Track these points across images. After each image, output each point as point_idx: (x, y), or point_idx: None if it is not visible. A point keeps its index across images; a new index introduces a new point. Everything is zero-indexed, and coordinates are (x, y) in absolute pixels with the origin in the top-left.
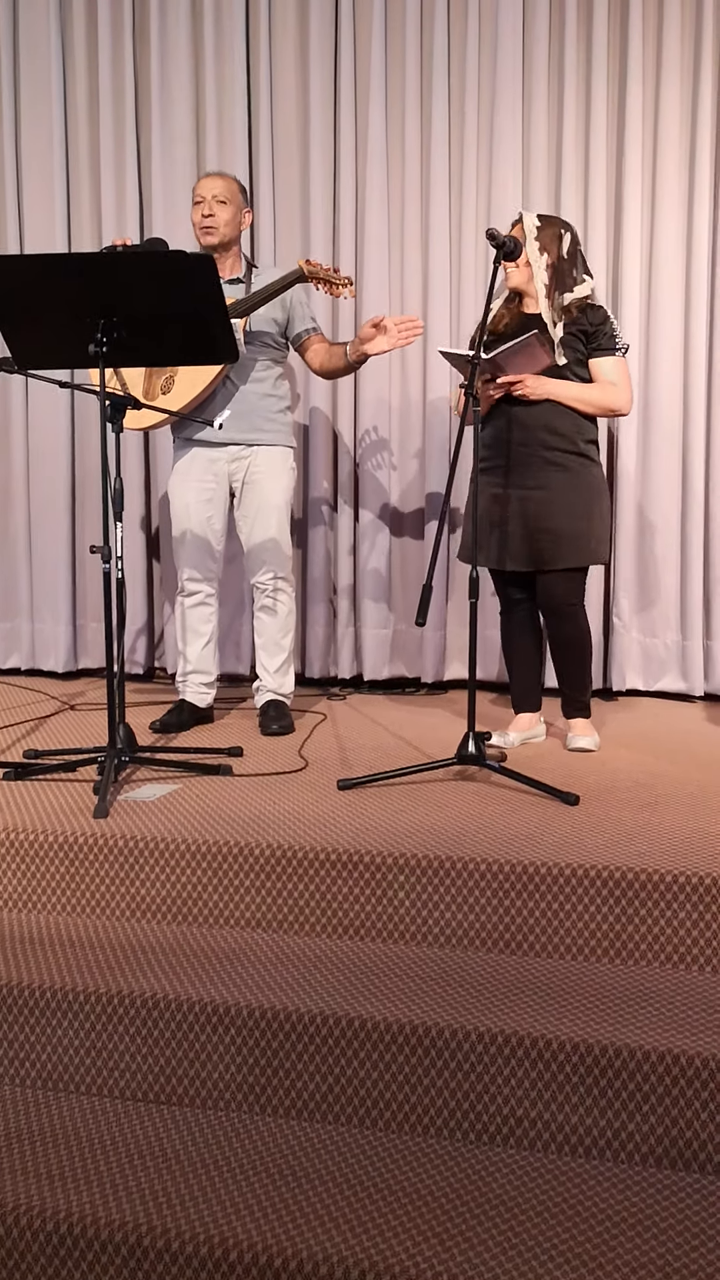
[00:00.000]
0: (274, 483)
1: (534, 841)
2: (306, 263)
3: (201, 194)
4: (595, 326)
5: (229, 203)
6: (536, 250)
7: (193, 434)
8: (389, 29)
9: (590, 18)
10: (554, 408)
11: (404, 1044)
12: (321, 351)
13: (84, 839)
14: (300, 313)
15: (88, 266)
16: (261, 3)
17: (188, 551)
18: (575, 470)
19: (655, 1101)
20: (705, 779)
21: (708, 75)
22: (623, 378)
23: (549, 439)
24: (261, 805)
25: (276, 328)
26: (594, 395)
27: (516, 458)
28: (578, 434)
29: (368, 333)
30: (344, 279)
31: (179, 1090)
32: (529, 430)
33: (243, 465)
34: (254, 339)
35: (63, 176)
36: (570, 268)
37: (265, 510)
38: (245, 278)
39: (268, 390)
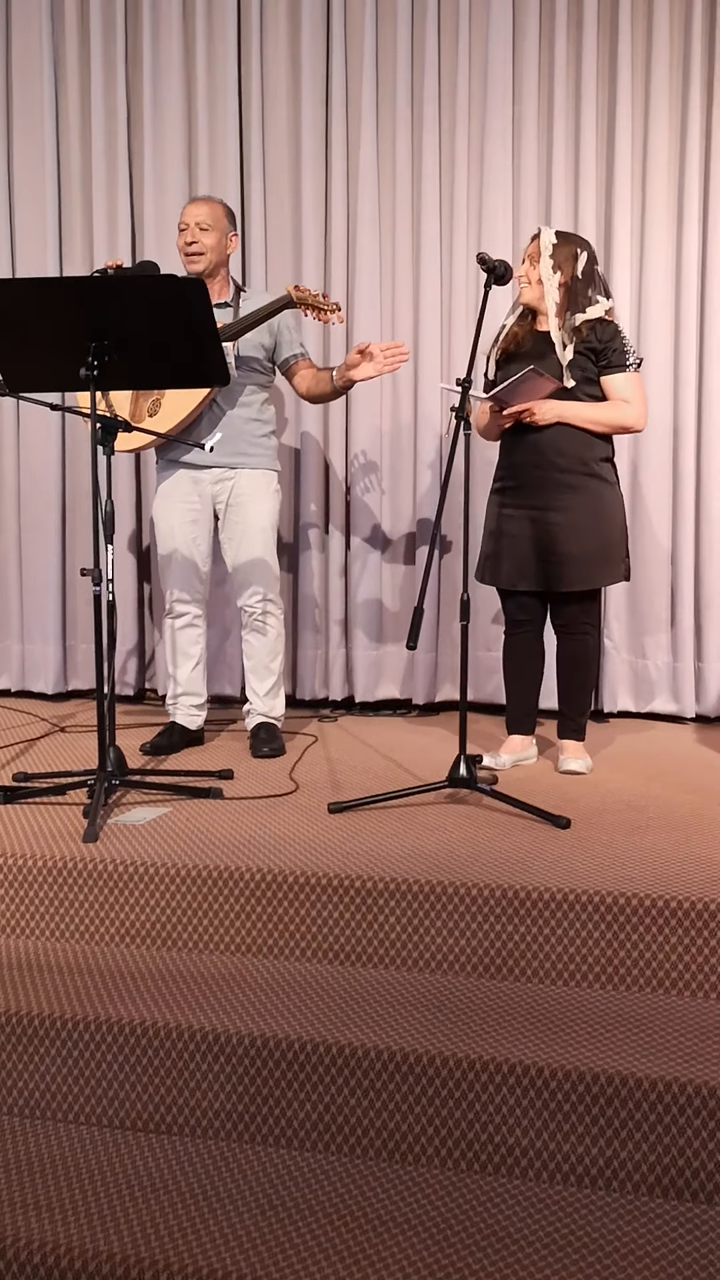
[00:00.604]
0: (258, 505)
1: (525, 866)
2: (295, 289)
3: (185, 220)
4: (604, 343)
5: (213, 228)
6: (550, 269)
7: (178, 455)
8: (380, 54)
9: (579, 45)
10: (565, 429)
11: (395, 1072)
12: (308, 377)
13: (73, 863)
14: (287, 338)
15: (79, 289)
16: (254, 28)
17: (174, 573)
18: (590, 491)
19: (649, 1130)
20: (696, 802)
21: (695, 102)
22: (636, 394)
23: (561, 461)
24: (252, 829)
25: (264, 352)
26: (605, 415)
27: (531, 479)
28: (590, 454)
29: (354, 359)
30: (332, 305)
31: (168, 1119)
32: (541, 453)
33: (226, 488)
34: (241, 363)
35: (55, 199)
36: (585, 287)
37: (250, 533)
38: (233, 301)
39: (253, 415)
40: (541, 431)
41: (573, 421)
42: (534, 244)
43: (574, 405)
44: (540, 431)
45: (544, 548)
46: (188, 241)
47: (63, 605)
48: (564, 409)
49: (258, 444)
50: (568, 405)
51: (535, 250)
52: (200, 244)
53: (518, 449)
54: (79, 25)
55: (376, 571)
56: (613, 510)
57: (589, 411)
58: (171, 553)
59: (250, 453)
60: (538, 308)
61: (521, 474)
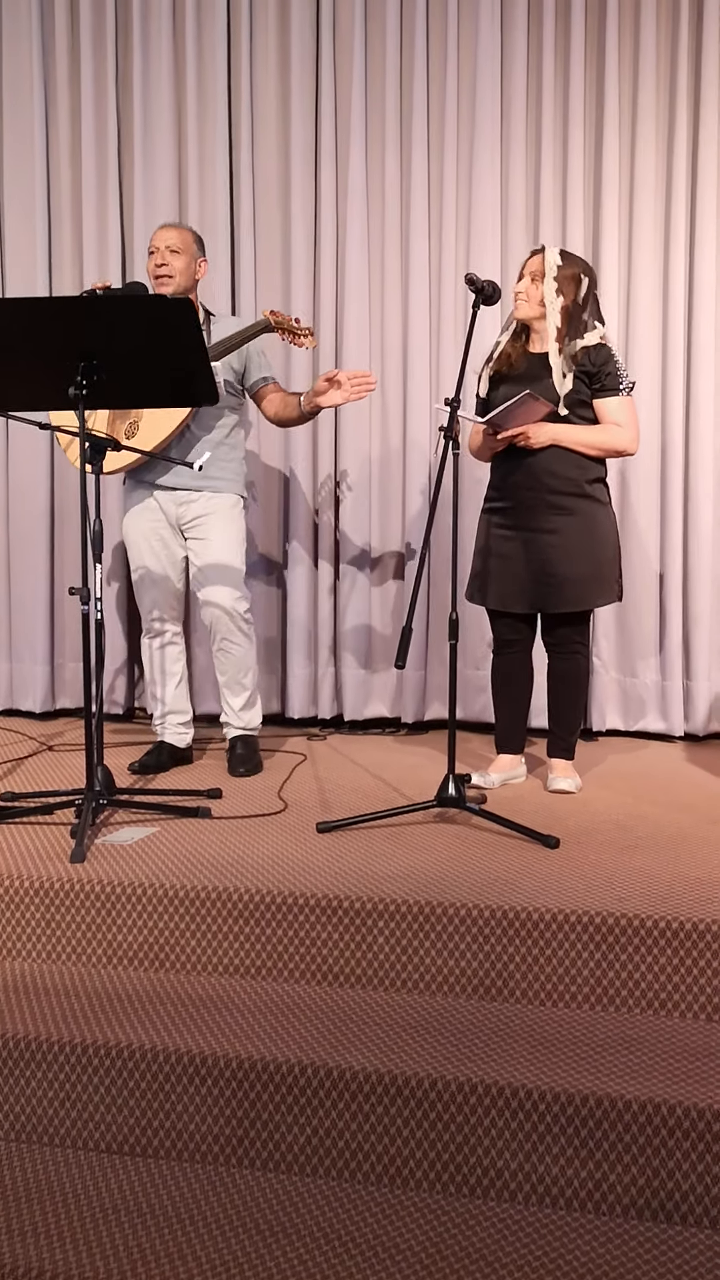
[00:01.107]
0: (222, 527)
1: (514, 886)
2: (272, 313)
3: (155, 244)
4: (598, 366)
5: (182, 252)
6: (553, 292)
7: (142, 475)
8: (369, 75)
9: (567, 66)
10: (558, 451)
11: (383, 1095)
12: (276, 401)
13: (60, 884)
14: (257, 361)
15: (67, 310)
16: (243, 49)
17: (148, 592)
18: (582, 513)
19: (637, 1152)
20: (685, 821)
21: (681, 122)
22: (628, 418)
23: (554, 482)
24: (240, 849)
25: (235, 375)
26: (598, 438)
27: (524, 500)
28: (583, 476)
29: (321, 386)
30: (305, 329)
31: (155, 1142)
32: (535, 474)
33: (189, 510)
34: None
35: (44, 219)
36: (585, 314)
37: (212, 553)
38: (204, 325)
39: (221, 439)
40: (535, 453)
41: (567, 444)
42: (537, 260)
43: (568, 428)
44: (534, 453)
45: (538, 569)
46: (157, 264)
47: (51, 623)
48: (558, 432)
49: (223, 468)
50: (562, 428)
51: (539, 269)
52: (169, 266)
53: (511, 470)
54: (69, 46)
55: (365, 590)
56: (606, 531)
57: (582, 435)
58: (144, 573)
59: (215, 476)
60: (532, 325)
61: (515, 495)
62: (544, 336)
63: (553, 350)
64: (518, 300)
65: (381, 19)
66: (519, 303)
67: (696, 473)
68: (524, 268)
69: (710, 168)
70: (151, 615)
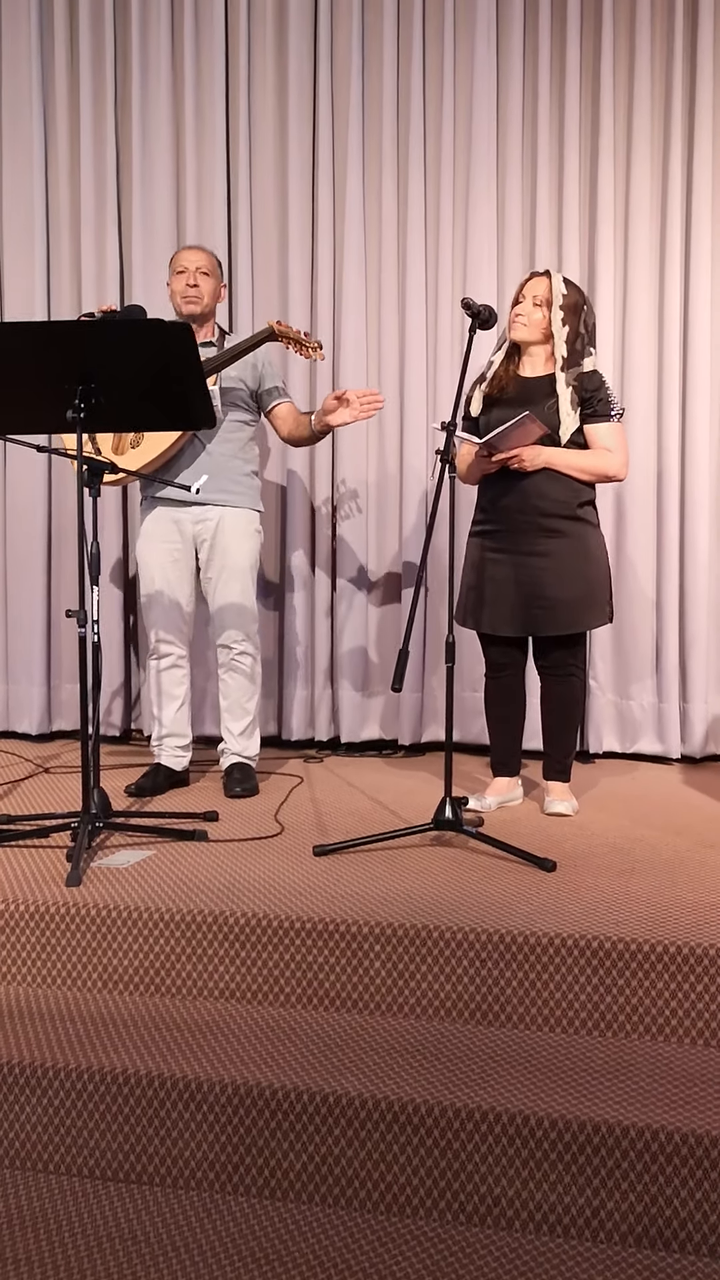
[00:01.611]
0: (239, 546)
1: (511, 910)
2: (277, 323)
3: (185, 264)
4: (590, 392)
5: (210, 275)
6: (560, 321)
7: (160, 492)
8: (366, 98)
9: (563, 90)
10: (549, 474)
11: (379, 1121)
12: (290, 421)
13: (55, 908)
14: (270, 373)
15: (65, 334)
16: (241, 72)
17: (157, 614)
18: (572, 535)
19: (635, 1179)
20: (682, 845)
21: (676, 149)
22: (619, 444)
23: (545, 505)
24: (236, 872)
25: (246, 388)
26: (589, 462)
27: (513, 524)
28: (574, 499)
29: (330, 404)
30: (314, 342)
31: (150, 1169)
32: (526, 497)
33: (208, 527)
34: (223, 397)
35: (43, 241)
36: (584, 342)
37: (230, 573)
38: (217, 342)
39: (235, 452)
40: (527, 476)
41: (558, 468)
42: (540, 285)
43: (561, 452)
44: (525, 476)
45: (529, 592)
46: (189, 284)
47: (48, 645)
48: (551, 456)
49: (240, 483)
50: (555, 452)
51: (545, 295)
52: (200, 288)
53: (502, 493)
54: (68, 68)
55: (362, 613)
56: (597, 552)
57: (574, 459)
58: (154, 595)
59: (233, 490)
60: (525, 348)
61: (505, 518)
62: (536, 360)
63: (560, 380)
64: (516, 323)
65: (379, 42)
66: (517, 325)
67: (692, 496)
68: (523, 289)
69: (705, 192)
70: (158, 637)
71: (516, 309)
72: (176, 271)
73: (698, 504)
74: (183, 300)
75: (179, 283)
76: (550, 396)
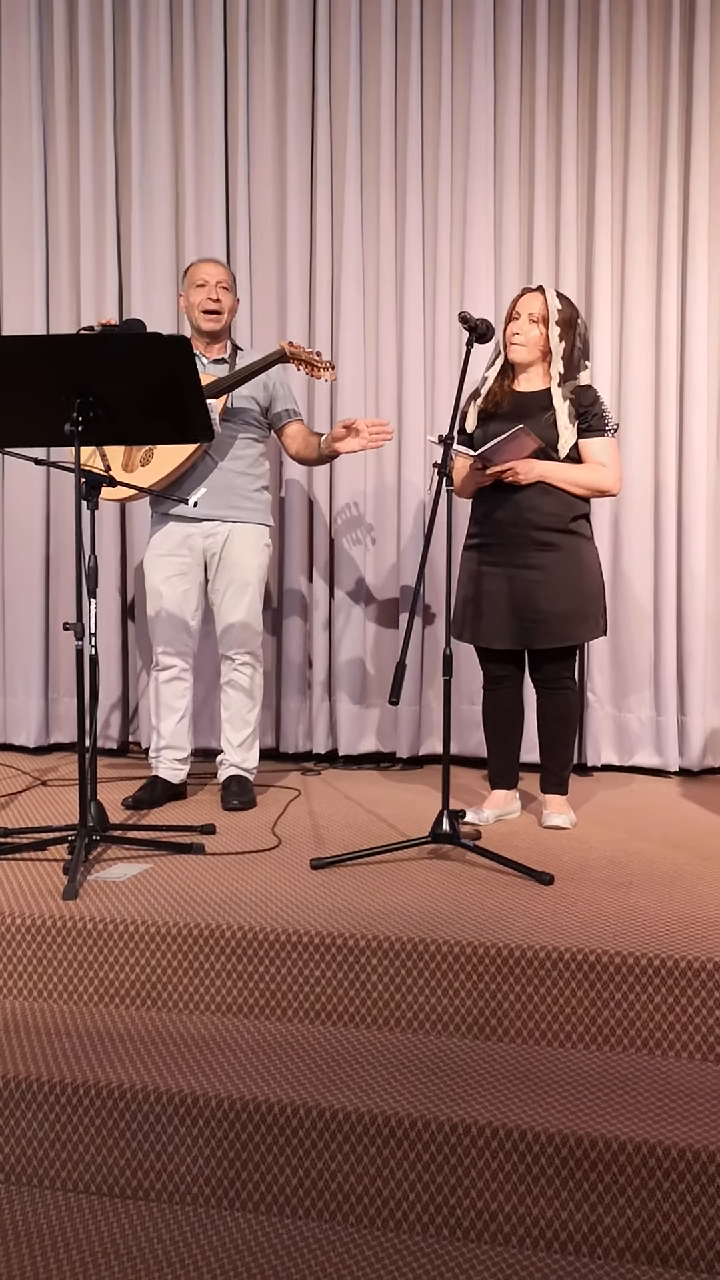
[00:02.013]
0: (248, 560)
1: (508, 923)
2: (289, 344)
3: (206, 278)
4: (585, 407)
5: (230, 289)
6: (558, 337)
7: (170, 509)
8: (364, 113)
9: (560, 105)
10: (543, 487)
11: (376, 1135)
12: (299, 438)
13: (52, 921)
14: (281, 394)
15: (64, 347)
16: (240, 87)
17: (162, 628)
18: (566, 548)
19: (632, 1194)
20: (680, 858)
21: (673, 163)
22: (612, 458)
23: (539, 519)
24: (233, 885)
25: (257, 407)
26: (583, 476)
27: (509, 537)
28: (567, 511)
29: (339, 432)
30: (325, 362)
31: (145, 1184)
32: (519, 510)
33: (217, 541)
34: (234, 416)
35: (42, 255)
36: (580, 357)
37: (238, 586)
38: (230, 359)
39: (245, 469)
40: (521, 489)
41: (553, 482)
42: (534, 302)
43: (555, 465)
44: (520, 490)
45: (523, 605)
46: (210, 298)
47: (45, 658)
48: (546, 469)
49: (250, 498)
50: (549, 465)
51: (540, 312)
52: (221, 303)
53: (495, 506)
54: (67, 83)
55: (360, 625)
56: (591, 566)
57: (568, 473)
58: (159, 611)
59: (242, 506)
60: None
61: (500, 531)
62: (532, 375)
63: (557, 395)
64: (513, 342)
65: (376, 57)
66: (515, 344)
67: (689, 509)
68: (516, 307)
69: (701, 207)
70: (161, 650)
71: (512, 327)
72: (196, 284)
73: (695, 517)
74: (202, 315)
75: (199, 295)
76: (546, 410)
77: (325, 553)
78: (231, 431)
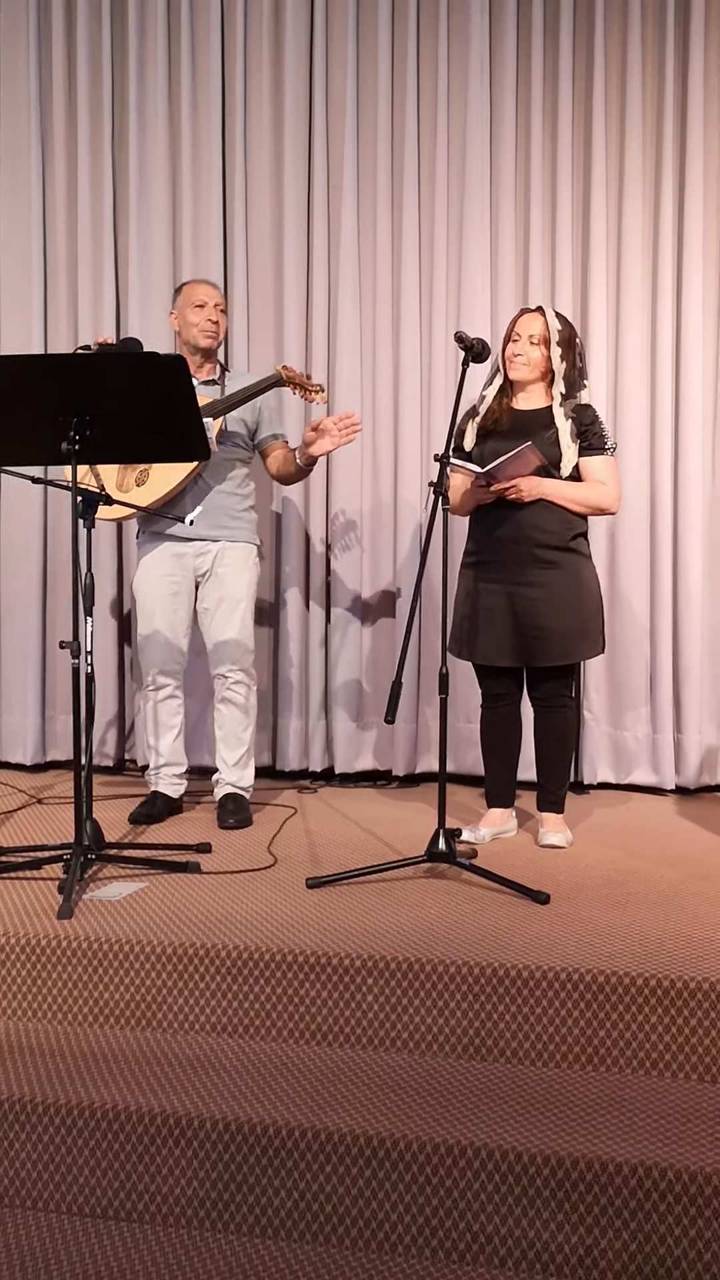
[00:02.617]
0: (237, 578)
1: (504, 943)
2: (285, 369)
3: (204, 299)
4: (585, 426)
5: (225, 312)
6: (559, 357)
7: (160, 528)
8: (360, 134)
9: (555, 126)
10: (543, 505)
11: (371, 1157)
12: (279, 459)
13: (47, 941)
14: (269, 417)
15: (61, 366)
16: (237, 109)
17: (154, 650)
18: (566, 566)
19: (628, 1216)
20: (676, 877)
21: (668, 183)
22: (612, 477)
23: (540, 536)
24: (229, 905)
25: (247, 430)
26: (584, 494)
27: (509, 555)
28: (567, 529)
29: (310, 436)
30: (317, 386)
31: (139, 1207)
32: (520, 528)
33: (207, 560)
34: (226, 439)
35: (40, 277)
36: (580, 375)
37: (228, 604)
38: (219, 379)
39: (234, 489)
40: (522, 507)
41: (554, 500)
42: (534, 323)
43: (557, 483)
44: (521, 507)
45: (523, 622)
46: (210, 319)
47: (42, 676)
48: (548, 487)
49: (239, 518)
50: (551, 483)
51: (541, 333)
52: (219, 324)
53: (496, 524)
54: (66, 106)
55: (356, 644)
56: (590, 584)
57: (569, 491)
58: (152, 633)
59: (231, 526)
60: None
61: (500, 549)
62: (531, 394)
63: (559, 415)
64: (515, 363)
65: (373, 77)
66: (517, 364)
67: (685, 527)
68: (516, 327)
69: (696, 226)
70: (155, 671)
71: (513, 348)
72: (195, 304)
73: (690, 535)
74: (202, 334)
75: (198, 315)
76: (547, 429)
77: (321, 571)
78: (223, 453)
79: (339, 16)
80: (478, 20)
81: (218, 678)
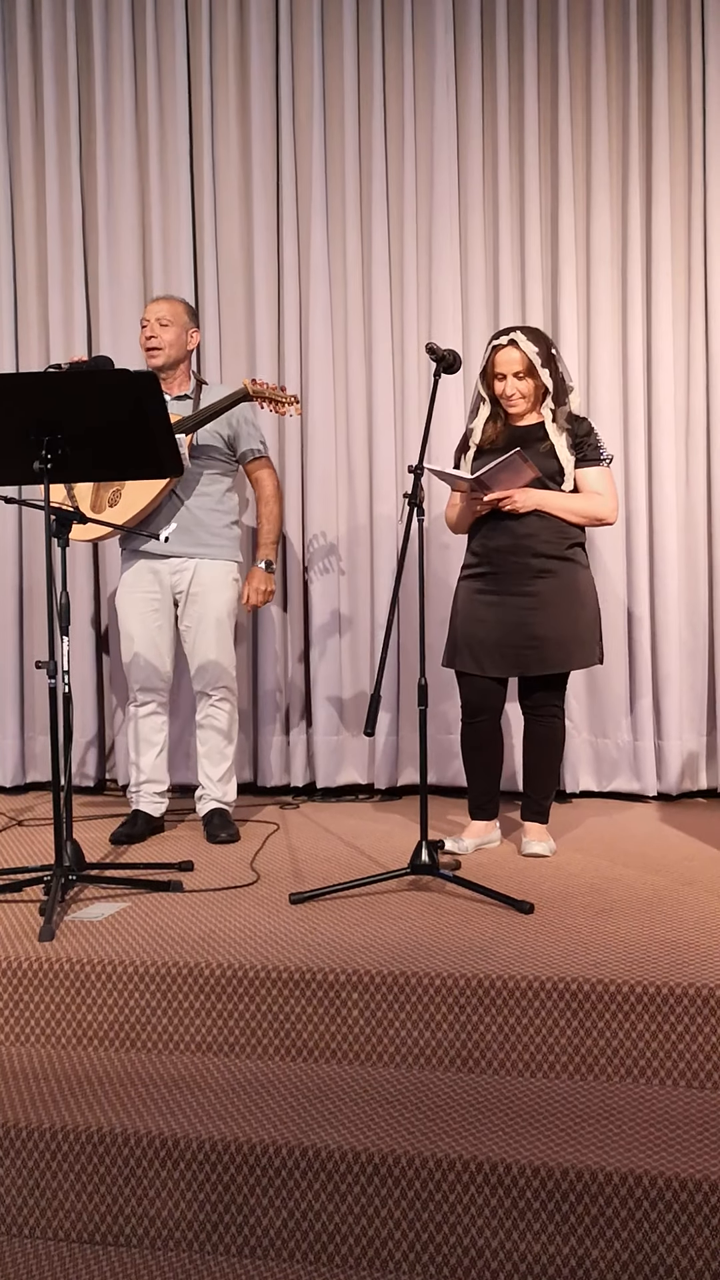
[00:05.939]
0: (216, 596)
1: (489, 954)
2: (252, 382)
3: (146, 317)
4: (580, 438)
5: (173, 324)
6: (546, 376)
7: (138, 545)
8: (329, 153)
9: (521, 138)
10: (540, 515)
11: (360, 1173)
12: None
13: (28, 963)
14: (246, 431)
15: (31, 385)
16: (205, 128)
17: (137, 668)
18: (563, 576)
19: (620, 1226)
20: (660, 883)
21: (635, 195)
22: (608, 488)
23: (536, 546)
24: (212, 922)
25: (222, 442)
26: (580, 505)
27: (505, 565)
28: (564, 539)
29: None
30: (289, 398)
31: (125, 1230)
32: (517, 537)
33: (185, 577)
34: (199, 453)
35: (10, 295)
36: (564, 382)
37: (207, 622)
38: (194, 394)
39: (213, 505)
40: (518, 518)
41: (550, 510)
42: (513, 357)
43: (552, 494)
44: (517, 518)
45: (520, 631)
46: (147, 336)
47: (20, 697)
48: (543, 498)
49: (219, 534)
50: (546, 494)
51: (523, 364)
52: (159, 339)
53: (494, 535)
54: (33, 126)
55: (335, 657)
56: (587, 593)
57: (566, 501)
58: (134, 654)
59: (210, 543)
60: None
61: (498, 559)
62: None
63: (553, 429)
64: (513, 401)
65: (340, 96)
66: (515, 402)
67: (660, 537)
68: (496, 366)
69: (664, 236)
70: (138, 688)
71: (502, 387)
72: (141, 325)
73: (665, 545)
74: (145, 354)
75: (141, 336)
76: (543, 442)
77: (299, 586)
78: (197, 468)
79: (304, 35)
80: (442, 35)
81: (200, 695)
